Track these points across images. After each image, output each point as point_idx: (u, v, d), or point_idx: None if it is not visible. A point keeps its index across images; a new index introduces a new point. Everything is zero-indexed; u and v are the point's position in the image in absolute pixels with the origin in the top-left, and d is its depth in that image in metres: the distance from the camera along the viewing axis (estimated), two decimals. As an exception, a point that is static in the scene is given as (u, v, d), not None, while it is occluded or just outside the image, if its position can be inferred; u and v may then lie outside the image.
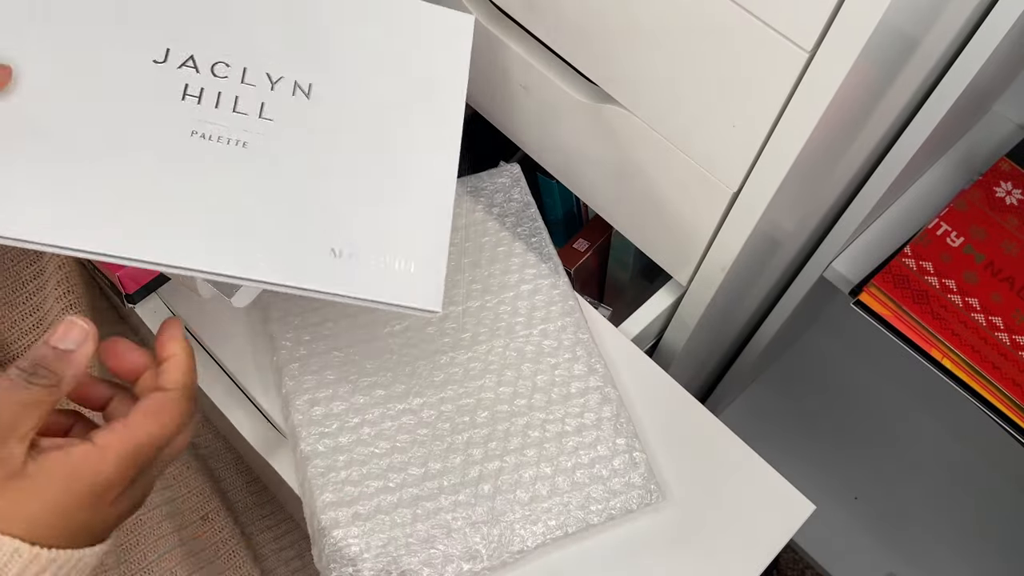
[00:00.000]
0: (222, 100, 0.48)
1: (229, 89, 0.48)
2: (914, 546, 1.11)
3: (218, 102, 0.48)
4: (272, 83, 0.49)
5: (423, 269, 0.48)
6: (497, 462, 0.57)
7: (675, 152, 0.56)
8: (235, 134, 0.47)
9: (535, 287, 0.64)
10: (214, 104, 0.48)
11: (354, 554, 0.53)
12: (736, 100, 0.49)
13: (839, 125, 0.50)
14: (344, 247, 0.47)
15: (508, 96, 0.67)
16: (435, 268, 0.49)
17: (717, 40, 0.47)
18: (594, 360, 0.61)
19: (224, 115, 0.48)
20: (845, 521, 1.12)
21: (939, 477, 1.14)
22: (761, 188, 0.52)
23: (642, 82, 0.54)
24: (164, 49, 0.48)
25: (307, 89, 0.50)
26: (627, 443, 0.58)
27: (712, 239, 0.60)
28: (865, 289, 0.69)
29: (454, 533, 0.54)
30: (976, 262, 0.70)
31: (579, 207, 0.88)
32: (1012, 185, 0.74)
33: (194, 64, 0.48)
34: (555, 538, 0.55)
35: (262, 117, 0.48)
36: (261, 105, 0.48)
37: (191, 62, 0.48)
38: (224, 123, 0.47)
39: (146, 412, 0.41)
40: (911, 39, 0.47)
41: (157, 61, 0.48)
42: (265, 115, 0.48)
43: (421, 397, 0.59)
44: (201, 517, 0.66)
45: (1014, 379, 0.66)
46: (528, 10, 0.59)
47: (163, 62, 0.48)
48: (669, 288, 0.70)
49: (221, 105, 0.48)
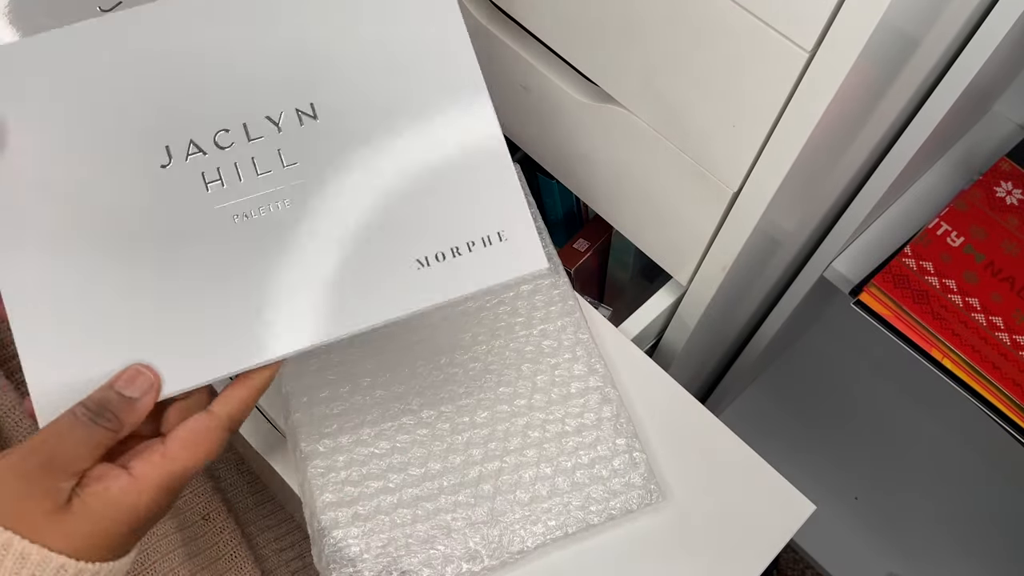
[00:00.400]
0: (242, 170, 0.45)
1: (242, 154, 0.45)
2: (914, 546, 1.11)
3: (240, 175, 0.45)
4: (277, 124, 0.46)
5: (513, 231, 0.46)
6: (497, 462, 0.57)
7: (675, 152, 0.56)
8: (273, 198, 0.45)
9: (535, 287, 0.64)
10: (237, 179, 0.45)
11: (354, 554, 0.53)
12: (736, 100, 0.49)
13: (839, 125, 0.50)
14: (428, 252, 0.45)
15: (508, 96, 0.67)
16: (524, 224, 0.46)
17: (717, 40, 0.47)
18: (594, 360, 0.61)
19: (252, 184, 0.45)
20: (845, 521, 1.12)
21: (939, 477, 1.14)
22: (761, 188, 0.52)
23: (642, 82, 0.54)
24: (163, 149, 0.45)
25: (311, 110, 0.46)
26: (627, 443, 0.58)
27: (712, 239, 0.60)
28: (865, 289, 0.69)
29: (454, 533, 0.54)
30: (976, 262, 0.70)
31: (579, 207, 0.88)
32: (1012, 185, 0.74)
33: (198, 148, 0.45)
34: (555, 538, 0.55)
35: (287, 166, 0.45)
36: (279, 153, 0.45)
37: (194, 147, 0.45)
38: (256, 192, 0.45)
39: (185, 443, 0.42)
40: (911, 39, 0.47)
41: (164, 165, 0.44)
42: (288, 161, 0.45)
43: (421, 397, 0.58)
44: (203, 517, 0.66)
45: (1014, 379, 0.66)
46: (528, 9, 0.59)
47: (169, 163, 0.44)
48: (669, 288, 0.70)
49: (244, 176, 0.45)
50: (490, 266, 0.45)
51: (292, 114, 0.46)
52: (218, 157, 0.45)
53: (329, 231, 0.45)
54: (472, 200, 0.46)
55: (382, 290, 0.45)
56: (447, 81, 0.47)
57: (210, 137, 0.45)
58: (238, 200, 0.45)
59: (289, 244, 0.45)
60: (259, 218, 0.45)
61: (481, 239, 0.46)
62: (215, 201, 0.44)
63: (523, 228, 0.46)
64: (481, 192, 0.46)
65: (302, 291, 0.44)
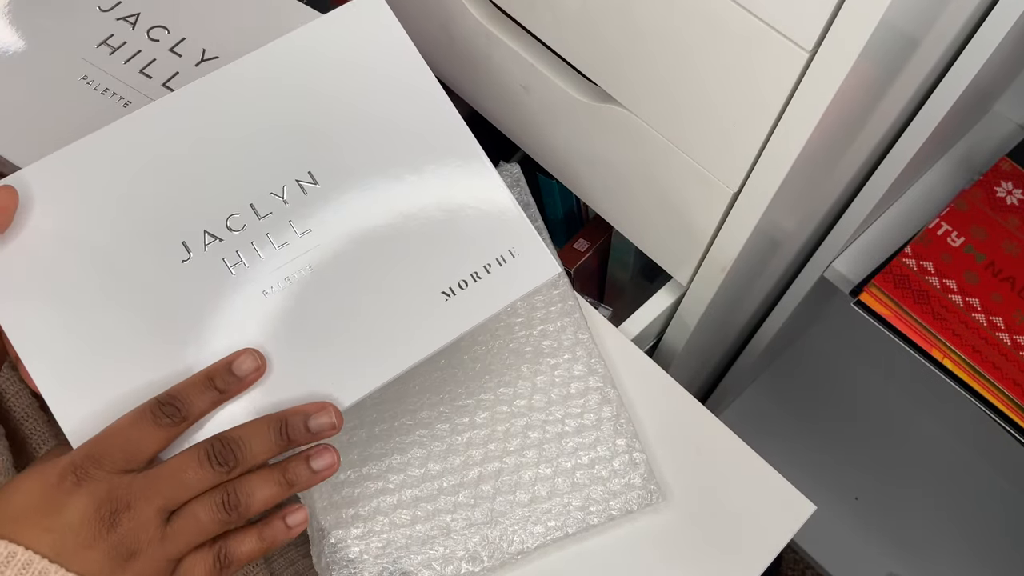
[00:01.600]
0: (260, 248, 0.47)
1: (256, 233, 0.47)
2: (914, 546, 1.11)
3: (259, 251, 0.47)
4: (282, 198, 0.48)
5: (523, 245, 0.49)
6: (497, 463, 0.56)
7: (675, 152, 0.56)
8: (294, 267, 0.47)
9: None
10: (258, 256, 0.46)
11: (354, 555, 0.53)
12: (736, 100, 0.49)
13: (839, 125, 0.50)
14: (450, 282, 0.48)
15: (508, 96, 0.67)
16: (530, 237, 0.49)
17: (717, 40, 0.47)
18: (594, 360, 0.61)
19: (273, 259, 0.47)
20: (845, 521, 1.12)
21: (939, 477, 1.14)
22: (761, 188, 0.52)
23: (642, 82, 0.54)
24: (180, 244, 0.46)
25: (310, 178, 0.48)
26: (627, 444, 0.57)
27: (712, 239, 0.60)
28: (865, 289, 0.69)
29: (454, 534, 0.54)
30: (977, 262, 0.70)
31: (579, 207, 0.87)
32: (1013, 185, 0.74)
33: (213, 236, 0.46)
34: (555, 539, 0.54)
35: (302, 235, 0.47)
36: (290, 224, 0.47)
37: (209, 237, 0.46)
38: (278, 266, 0.47)
39: None
40: (911, 39, 0.47)
41: (185, 260, 0.46)
42: (300, 230, 0.47)
43: (420, 398, 0.58)
44: None
45: (1015, 379, 0.66)
46: (528, 9, 0.58)
47: (189, 258, 0.46)
48: (669, 288, 0.70)
49: (264, 253, 0.47)
50: (510, 282, 0.49)
51: (293, 185, 0.48)
52: (234, 240, 0.47)
53: (356, 285, 0.47)
54: (478, 227, 0.49)
55: (420, 326, 0.47)
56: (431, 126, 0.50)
57: (222, 223, 0.47)
58: (260, 277, 0.46)
59: (320, 307, 0.46)
60: (286, 289, 0.46)
61: (496, 260, 0.49)
62: (240, 283, 0.46)
63: (530, 241, 0.49)
64: (484, 219, 0.49)
65: (342, 350, 0.46)
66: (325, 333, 0.46)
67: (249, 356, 0.44)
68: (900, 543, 1.11)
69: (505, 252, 0.49)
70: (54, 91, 0.54)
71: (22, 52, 0.55)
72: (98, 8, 0.54)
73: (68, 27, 0.55)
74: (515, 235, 0.49)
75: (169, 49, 0.54)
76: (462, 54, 0.68)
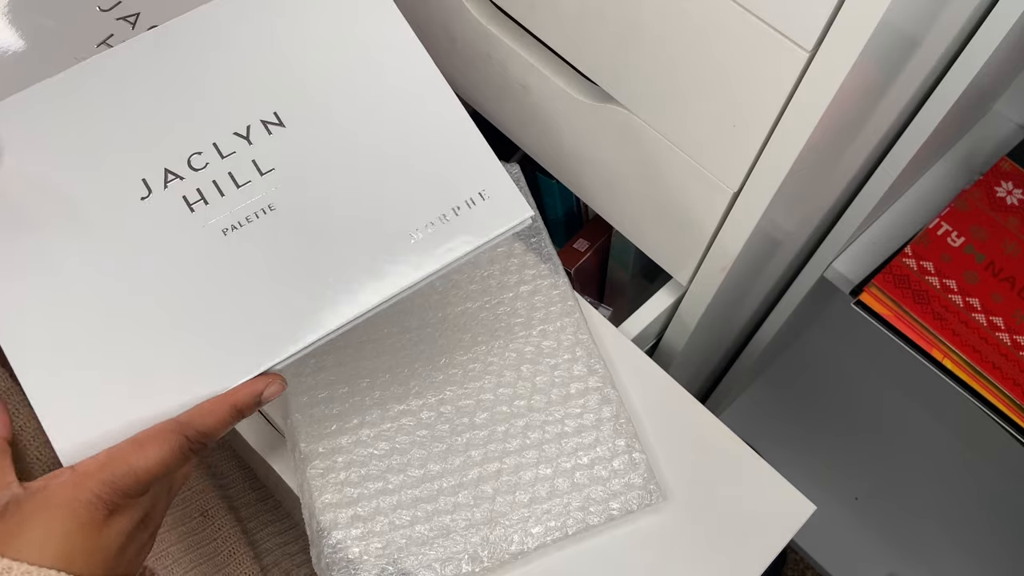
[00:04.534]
0: (222, 186, 0.47)
1: (218, 171, 0.47)
2: (914, 546, 1.11)
3: (221, 191, 0.47)
4: (246, 138, 0.48)
5: (494, 189, 0.48)
6: (496, 463, 0.56)
7: (675, 152, 0.56)
8: (258, 205, 0.47)
9: (534, 287, 0.64)
10: (219, 195, 0.46)
11: (353, 556, 0.53)
12: (736, 100, 0.49)
13: (839, 125, 0.50)
14: (419, 224, 0.47)
15: (508, 96, 0.67)
16: (502, 181, 0.48)
17: (717, 40, 0.47)
18: (594, 361, 0.61)
19: (235, 197, 0.47)
20: (845, 521, 1.12)
21: (939, 477, 1.14)
22: (761, 188, 0.52)
23: (642, 82, 0.54)
24: (140, 182, 0.46)
25: (276, 119, 0.48)
26: (627, 444, 0.57)
27: (712, 239, 0.60)
28: (866, 289, 0.69)
29: (454, 535, 0.54)
30: (977, 262, 0.70)
31: (579, 207, 0.87)
32: (1013, 185, 0.74)
33: (175, 174, 0.47)
34: (555, 539, 0.54)
35: (264, 173, 0.47)
36: (254, 164, 0.47)
37: (170, 175, 0.47)
38: (241, 204, 0.46)
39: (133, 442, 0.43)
40: (911, 39, 0.47)
41: (144, 197, 0.46)
42: (264, 168, 0.47)
43: (420, 399, 0.58)
44: (201, 513, 0.66)
45: (1014, 379, 0.66)
46: (528, 9, 0.58)
47: (149, 195, 0.46)
48: (669, 288, 0.70)
49: (225, 191, 0.47)
50: (479, 224, 0.48)
51: (259, 126, 0.48)
52: (195, 179, 0.47)
53: (318, 226, 0.47)
54: (448, 170, 0.48)
55: (384, 268, 0.46)
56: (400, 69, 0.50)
57: (184, 161, 0.47)
58: (224, 214, 0.46)
59: (283, 245, 0.46)
60: (249, 227, 0.46)
61: (465, 202, 0.48)
62: (202, 220, 0.46)
63: (502, 184, 0.48)
64: (455, 160, 0.49)
65: (306, 286, 0.46)
66: (285, 273, 0.46)
67: (276, 383, 0.45)
68: (900, 543, 1.11)
69: (475, 194, 0.48)
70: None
71: (22, 52, 0.55)
72: (98, 8, 0.54)
73: (68, 27, 0.55)
74: (486, 177, 0.48)
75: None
76: (462, 54, 0.68)
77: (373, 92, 0.49)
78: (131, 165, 0.46)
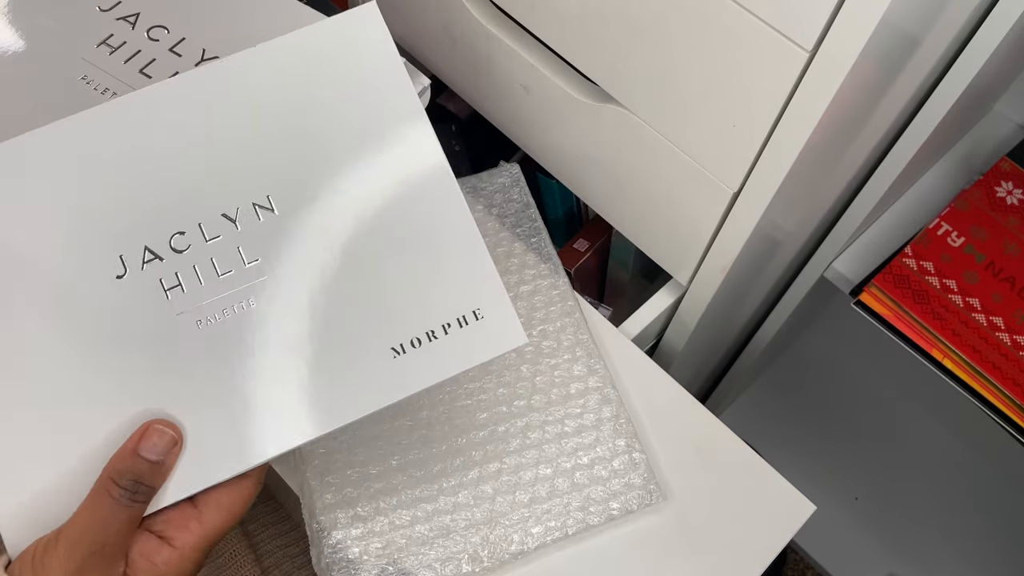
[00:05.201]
0: (201, 273, 0.43)
1: (200, 256, 0.43)
2: (914, 546, 1.11)
3: (200, 278, 0.43)
4: (234, 221, 0.44)
5: (489, 308, 0.44)
6: (496, 464, 0.56)
7: (675, 152, 0.56)
8: (236, 298, 0.43)
9: (534, 288, 0.64)
10: (198, 283, 0.43)
11: (354, 556, 0.53)
12: (736, 100, 0.49)
13: (839, 125, 0.50)
14: (403, 339, 0.44)
15: (508, 96, 0.67)
16: (499, 300, 0.45)
17: (717, 40, 0.47)
18: (593, 361, 0.61)
19: (213, 287, 0.43)
20: (845, 521, 1.12)
21: (939, 477, 1.14)
22: (761, 188, 0.52)
23: (642, 82, 0.54)
24: (117, 259, 0.43)
25: (268, 202, 0.44)
26: (627, 444, 0.57)
27: (712, 239, 0.60)
28: (866, 289, 0.69)
29: (454, 535, 0.54)
30: (977, 262, 0.70)
31: (579, 207, 0.87)
32: (1013, 185, 0.74)
33: (154, 254, 0.43)
34: (555, 539, 0.54)
35: (248, 264, 0.43)
36: (239, 251, 0.43)
37: (149, 254, 0.43)
38: (218, 295, 0.43)
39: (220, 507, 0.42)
40: (912, 39, 0.47)
41: (120, 276, 0.43)
42: (248, 258, 0.43)
43: (420, 399, 0.58)
44: None
45: (1014, 379, 0.66)
46: (528, 9, 0.58)
47: (125, 274, 0.43)
48: (669, 288, 0.70)
49: (204, 279, 0.43)
50: (468, 348, 0.44)
51: (249, 209, 0.44)
52: (175, 262, 0.43)
53: (299, 328, 0.43)
54: (444, 280, 0.45)
55: (360, 384, 0.43)
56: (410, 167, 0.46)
57: (164, 242, 0.43)
58: (200, 304, 0.43)
59: (257, 346, 0.43)
60: (223, 320, 0.43)
61: (457, 320, 0.44)
62: (176, 308, 0.43)
63: (499, 304, 0.44)
64: (452, 271, 0.45)
65: (277, 394, 0.43)
66: (255, 377, 0.43)
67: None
68: (900, 543, 1.11)
69: (468, 312, 0.44)
70: (54, 91, 0.54)
71: (22, 52, 0.55)
72: (98, 8, 0.54)
73: (68, 27, 0.54)
74: (484, 295, 0.44)
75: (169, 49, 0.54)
76: (463, 54, 0.68)
77: (376, 187, 0.45)
78: (110, 238, 0.43)
